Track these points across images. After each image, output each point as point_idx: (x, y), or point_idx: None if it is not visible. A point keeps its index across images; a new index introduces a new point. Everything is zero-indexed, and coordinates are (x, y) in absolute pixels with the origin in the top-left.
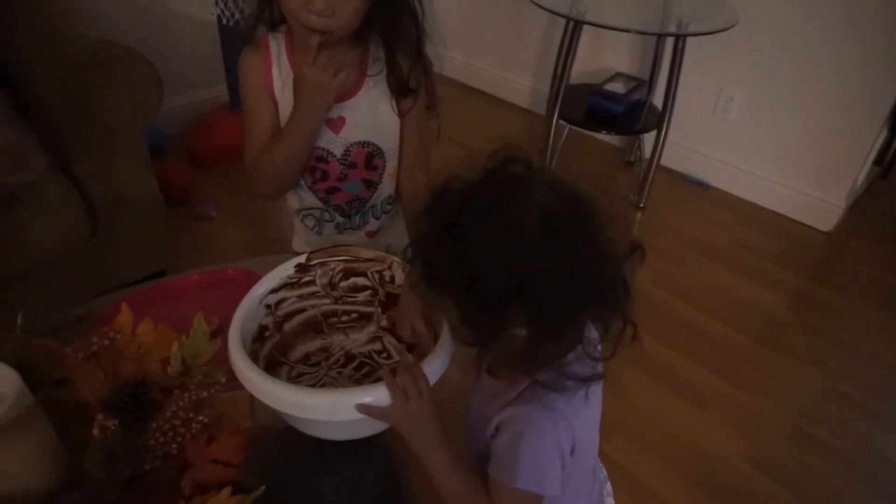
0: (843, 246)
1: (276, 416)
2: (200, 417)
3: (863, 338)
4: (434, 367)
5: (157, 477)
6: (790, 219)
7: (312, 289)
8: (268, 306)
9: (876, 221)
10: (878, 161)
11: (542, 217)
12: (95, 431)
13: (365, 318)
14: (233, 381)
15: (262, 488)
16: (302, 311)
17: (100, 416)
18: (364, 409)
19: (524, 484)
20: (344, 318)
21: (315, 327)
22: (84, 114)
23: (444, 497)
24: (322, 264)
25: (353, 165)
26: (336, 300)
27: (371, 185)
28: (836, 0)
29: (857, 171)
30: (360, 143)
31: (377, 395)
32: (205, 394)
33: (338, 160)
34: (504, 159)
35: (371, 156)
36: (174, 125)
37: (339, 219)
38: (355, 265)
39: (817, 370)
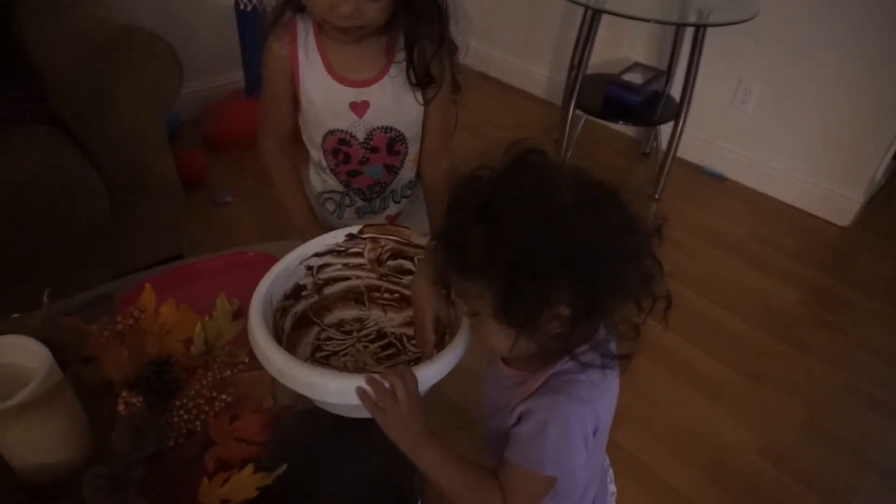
0: (861, 241)
1: (297, 395)
2: (223, 396)
3: (879, 334)
4: (435, 370)
5: (181, 453)
6: (807, 213)
7: (359, 260)
8: (309, 268)
9: (895, 216)
10: None
11: (575, 190)
12: (121, 408)
13: (406, 300)
14: (255, 361)
15: (284, 466)
16: (345, 278)
17: (125, 393)
18: (361, 393)
19: (550, 471)
20: (386, 294)
21: (356, 297)
22: (105, 98)
23: (440, 489)
24: (373, 240)
25: (375, 150)
26: (381, 277)
27: (392, 169)
28: None
29: (877, 165)
30: (382, 127)
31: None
32: (228, 373)
33: (360, 143)
34: (522, 151)
35: (393, 141)
36: (190, 110)
37: (360, 203)
38: (405, 248)
39: (832, 365)
